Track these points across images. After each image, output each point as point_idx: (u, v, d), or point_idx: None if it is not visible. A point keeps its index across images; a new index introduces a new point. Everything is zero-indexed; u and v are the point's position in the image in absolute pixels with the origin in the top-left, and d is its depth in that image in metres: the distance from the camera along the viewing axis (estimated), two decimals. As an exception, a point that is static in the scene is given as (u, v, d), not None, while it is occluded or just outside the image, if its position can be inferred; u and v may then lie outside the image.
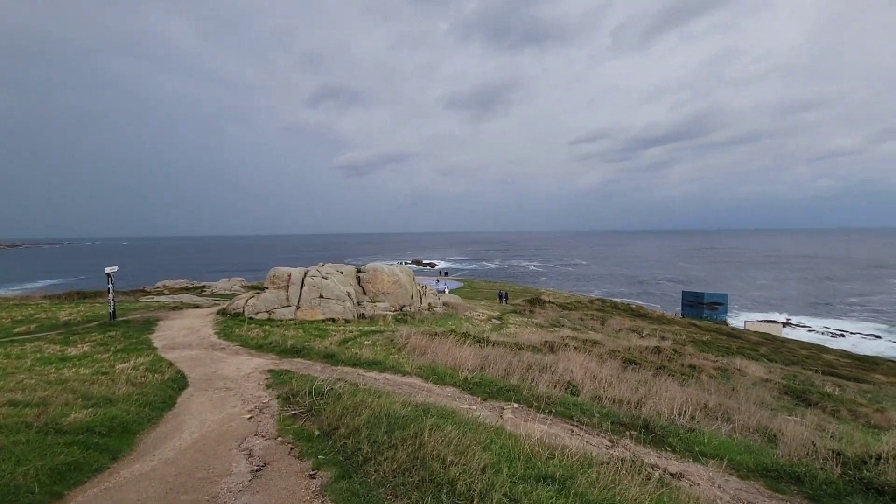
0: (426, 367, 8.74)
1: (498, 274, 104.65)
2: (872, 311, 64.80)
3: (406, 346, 12.79)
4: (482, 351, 11.97)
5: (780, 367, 23.21)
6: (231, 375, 8.81)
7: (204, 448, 4.73)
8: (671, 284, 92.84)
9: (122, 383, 7.42)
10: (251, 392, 7.39)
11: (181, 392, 7.56)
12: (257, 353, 11.21)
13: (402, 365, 8.99)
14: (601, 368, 12.01)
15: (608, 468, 3.50)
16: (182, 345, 12.53)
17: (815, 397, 14.43)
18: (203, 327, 15.31)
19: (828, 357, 33.17)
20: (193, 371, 9.24)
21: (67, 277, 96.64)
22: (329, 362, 9.94)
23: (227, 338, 13.40)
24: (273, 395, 7.03)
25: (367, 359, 9.72)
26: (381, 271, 22.75)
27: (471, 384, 7.65)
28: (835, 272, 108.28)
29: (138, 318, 17.01)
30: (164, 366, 9.38)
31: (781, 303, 71.97)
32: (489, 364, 9.28)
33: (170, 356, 10.84)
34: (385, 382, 8.09)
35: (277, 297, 17.70)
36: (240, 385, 7.97)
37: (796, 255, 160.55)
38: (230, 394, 7.38)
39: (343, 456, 3.94)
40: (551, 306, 41.18)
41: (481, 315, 27.32)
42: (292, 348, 11.16)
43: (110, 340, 12.98)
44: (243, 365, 9.81)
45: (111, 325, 15.34)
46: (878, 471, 3.85)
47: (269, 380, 8.20)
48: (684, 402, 9.14)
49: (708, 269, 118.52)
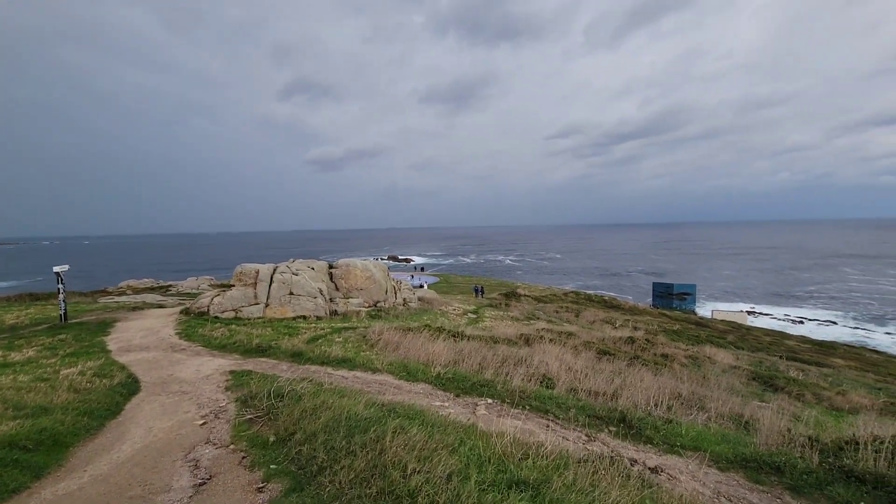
0: (398, 364, 8.39)
1: (474, 269, 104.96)
2: (828, 298, 68.17)
3: (378, 342, 12.39)
4: (456, 345, 11.69)
5: (747, 354, 23.93)
6: (189, 378, 8.23)
7: (144, 460, 4.25)
8: (642, 276, 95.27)
9: (63, 390, 6.76)
10: (208, 395, 6.87)
11: (131, 398, 6.96)
12: (220, 354, 10.60)
13: (373, 362, 8.61)
14: (576, 360, 11.92)
15: (586, 468, 3.25)
16: (139, 347, 11.76)
17: (781, 382, 14.82)
18: (164, 328, 14.49)
19: (789, 343, 34.56)
20: (148, 375, 8.61)
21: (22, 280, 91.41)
22: (296, 361, 9.45)
23: (188, 338, 12.68)
24: (231, 397, 6.55)
25: (337, 356, 9.28)
26: (354, 267, 22.19)
27: (443, 380, 7.34)
28: (794, 262, 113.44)
29: (93, 320, 15.99)
30: (114, 370, 8.70)
31: (745, 292, 74.88)
32: (463, 359, 8.99)
33: (123, 359, 10.12)
34: (354, 381, 7.70)
35: (245, 295, 16.95)
36: (197, 388, 7.42)
37: (758, 247, 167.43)
38: (185, 398, 6.84)
39: (297, 465, 3.55)
40: (527, 299, 41.40)
41: (457, 309, 27.09)
42: (257, 347, 10.60)
43: (59, 344, 12.07)
44: (203, 367, 9.22)
45: (62, 328, 14.33)
46: (856, 458, 3.76)
47: (228, 381, 7.68)
48: (658, 391, 9.11)
49: (676, 261, 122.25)
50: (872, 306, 62.09)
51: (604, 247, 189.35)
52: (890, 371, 24.44)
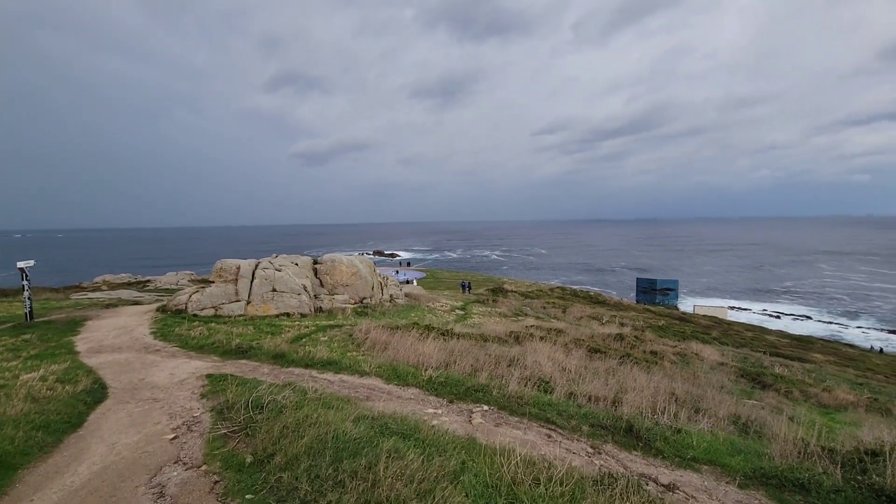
0: (386, 366, 7.96)
1: (460, 264, 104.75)
2: (804, 294, 69.99)
3: (366, 341, 11.94)
4: (447, 345, 11.32)
5: (732, 350, 24.16)
6: (162, 383, 7.67)
7: (102, 486, 3.75)
8: (626, 271, 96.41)
9: (18, 399, 6.16)
10: (182, 403, 6.34)
11: (96, 406, 6.39)
12: (197, 355, 10.01)
13: (361, 364, 8.17)
14: (568, 359, 11.67)
15: (605, 496, 2.91)
16: (110, 348, 11.08)
17: (769, 379, 14.86)
18: (138, 326, 13.77)
19: (770, 338, 35.18)
20: (117, 379, 8.01)
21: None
22: (279, 363, 8.95)
23: (164, 338, 12.02)
24: (207, 406, 6.04)
25: (322, 358, 8.81)
26: (339, 262, 21.59)
27: (436, 384, 6.95)
28: (772, 259, 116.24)
29: (62, 319, 15.14)
30: (80, 374, 8.07)
31: (725, 287, 76.38)
32: (455, 359, 8.61)
33: (92, 362, 9.47)
34: (340, 385, 7.25)
35: (225, 292, 16.27)
36: (170, 395, 6.88)
37: (738, 243, 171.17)
38: (156, 406, 6.31)
39: (276, 496, 3.10)
40: (514, 295, 41.29)
41: (444, 306, 26.73)
42: (237, 348, 10.04)
43: (23, 345, 11.29)
44: (179, 370, 8.65)
45: (27, 327, 13.49)
46: (883, 473, 3.51)
47: (205, 387, 7.16)
48: (654, 392, 8.89)
49: (659, 257, 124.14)
50: (845, 301, 63.96)
51: (589, 242, 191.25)
52: (868, 366, 24.98)
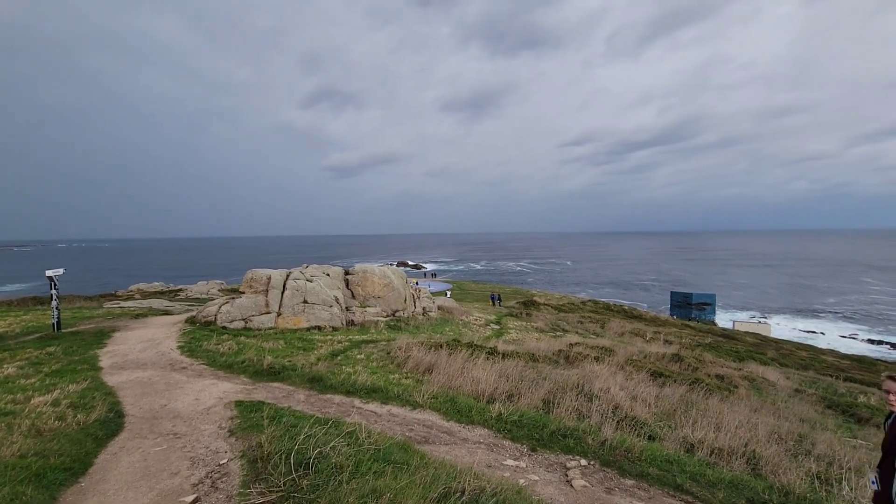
0: (443, 397, 6.75)
1: (485, 275, 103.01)
2: (848, 310, 65.15)
3: (407, 361, 10.79)
4: (496, 366, 10.06)
5: (796, 373, 21.91)
6: (185, 411, 6.68)
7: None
8: (654, 285, 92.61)
9: (20, 434, 5.23)
10: (207, 443, 5.30)
11: (108, 442, 5.41)
12: (225, 375, 9.05)
13: (411, 393, 6.99)
14: (636, 385, 10.22)
15: None
16: (134, 363, 10.28)
17: (863, 412, 12.92)
18: (165, 339, 13.02)
19: (827, 359, 32.25)
20: (137, 404, 7.08)
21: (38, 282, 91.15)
22: (315, 388, 7.86)
23: (191, 353, 11.17)
24: (237, 449, 4.97)
25: (364, 384, 7.67)
26: (371, 273, 20.65)
27: (508, 424, 5.69)
28: (812, 272, 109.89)
29: (90, 329, 14.58)
30: (98, 397, 7.18)
31: (761, 303, 72.01)
32: (521, 391, 7.33)
33: (113, 380, 8.63)
34: (391, 421, 6.08)
35: (255, 303, 15.47)
36: (193, 429, 5.86)
37: (773, 256, 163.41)
38: (176, 446, 5.28)
39: None
40: (546, 308, 39.63)
41: (478, 320, 25.43)
42: (269, 369, 9.03)
43: (46, 358, 10.61)
44: (205, 393, 7.68)
45: (54, 339, 12.91)
46: None
47: (234, 419, 6.11)
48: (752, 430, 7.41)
49: (689, 270, 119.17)
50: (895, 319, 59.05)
51: (615, 254, 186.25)
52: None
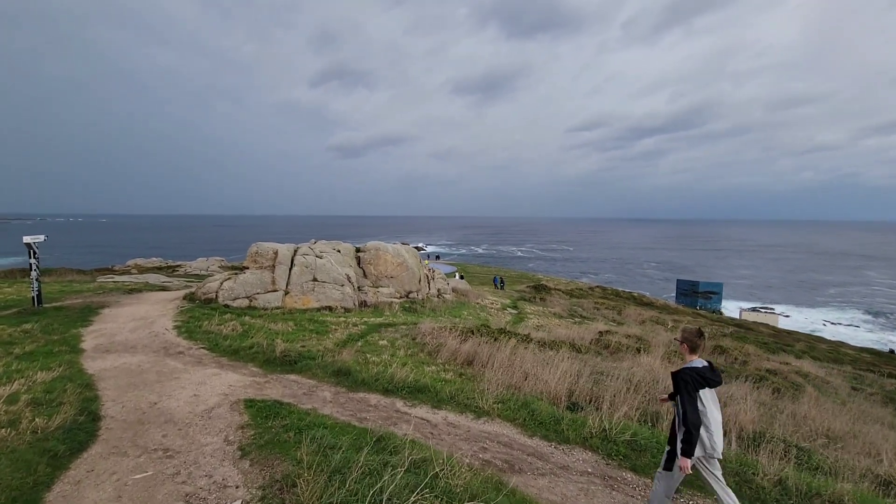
0: (513, 402, 5.25)
1: (486, 259, 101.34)
2: (850, 301, 63.76)
3: (440, 350, 9.29)
4: (540, 356, 8.59)
5: (835, 367, 20.63)
6: (180, 413, 5.16)
7: None
8: (657, 272, 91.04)
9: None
10: (209, 468, 3.78)
11: (71, 462, 3.89)
12: (230, 363, 7.54)
13: (469, 395, 5.47)
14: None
15: None
16: (122, 346, 8.76)
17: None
18: (160, 318, 11.51)
19: (849, 351, 31.03)
20: (119, 401, 5.56)
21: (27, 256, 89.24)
22: (343, 384, 6.35)
23: (189, 335, 9.65)
24: (254, 483, 3.46)
25: (404, 380, 6.15)
26: (384, 251, 19.06)
27: (618, 445, 4.20)
28: (813, 263, 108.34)
29: (77, 304, 13.06)
30: (70, 391, 5.66)
31: (763, 292, 70.54)
32: (593, 388, 5.81)
33: (95, 367, 7.12)
34: (453, 434, 4.58)
35: (261, 280, 13.91)
36: (191, 442, 4.34)
37: (775, 246, 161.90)
38: (167, 471, 3.76)
39: None
40: (558, 293, 38.22)
41: (494, 303, 23.98)
42: (284, 357, 7.50)
43: (21, 337, 9.11)
44: (206, 387, 6.17)
45: (33, 314, 11.39)
46: None
47: (245, 428, 4.60)
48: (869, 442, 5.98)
49: (690, 258, 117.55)
50: (896, 310, 57.70)
51: (618, 241, 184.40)
52: None
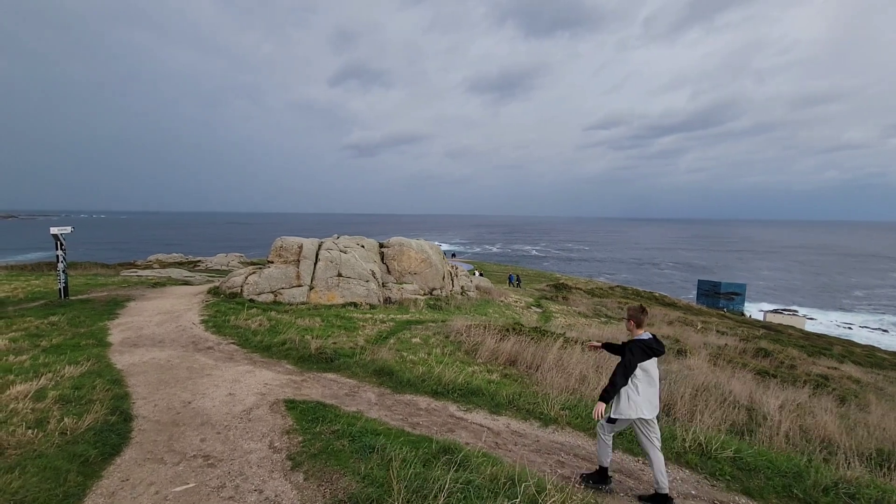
0: (579, 407, 4.71)
1: (500, 258, 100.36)
2: (877, 304, 61.18)
3: (478, 349, 8.77)
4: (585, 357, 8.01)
5: (878, 372, 19.56)
6: (217, 414, 4.75)
7: None
8: (676, 272, 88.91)
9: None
10: (258, 480, 3.34)
11: (104, 470, 3.49)
12: (263, 361, 7.14)
13: (532, 400, 4.95)
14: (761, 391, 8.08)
15: None
16: (150, 340, 8.46)
17: None
18: (187, 311, 11.22)
19: (883, 355, 29.64)
20: (150, 401, 5.17)
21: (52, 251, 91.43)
22: (386, 384, 5.88)
23: (217, 330, 9.32)
24: (314, 498, 3.00)
25: (453, 381, 5.64)
26: (407, 247, 18.64)
27: (720, 462, 3.64)
28: (838, 264, 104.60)
29: (103, 297, 12.89)
30: (99, 387, 5.30)
31: (786, 293, 68.22)
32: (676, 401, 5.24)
33: (123, 361, 6.79)
34: (521, 446, 4.06)
35: (286, 275, 13.58)
36: (234, 447, 3.91)
37: (798, 246, 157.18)
38: (211, 482, 3.32)
39: None
40: (579, 292, 37.41)
41: (518, 302, 23.39)
42: (319, 354, 7.07)
43: (48, 329, 8.87)
44: (241, 385, 5.76)
45: (60, 307, 11.21)
46: None
47: (291, 433, 4.15)
48: None
49: (709, 258, 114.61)
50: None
51: (634, 241, 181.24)
52: None
